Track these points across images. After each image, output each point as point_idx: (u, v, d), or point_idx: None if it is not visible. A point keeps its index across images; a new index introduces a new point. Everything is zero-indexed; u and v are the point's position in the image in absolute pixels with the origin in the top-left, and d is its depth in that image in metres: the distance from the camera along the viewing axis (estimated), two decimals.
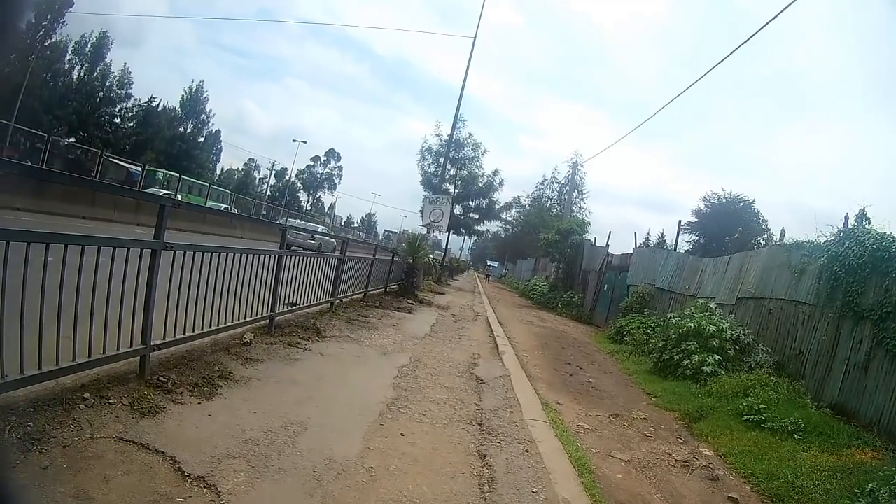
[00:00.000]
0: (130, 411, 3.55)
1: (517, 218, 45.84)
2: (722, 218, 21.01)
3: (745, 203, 21.24)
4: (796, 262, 9.34)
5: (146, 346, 4.17)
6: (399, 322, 10.33)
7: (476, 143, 33.27)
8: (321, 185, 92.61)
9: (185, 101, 61.83)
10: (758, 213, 21.17)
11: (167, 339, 4.50)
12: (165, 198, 4.45)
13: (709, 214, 21.82)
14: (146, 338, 4.16)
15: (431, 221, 23.19)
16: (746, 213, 21.02)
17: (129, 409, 3.56)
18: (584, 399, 7.30)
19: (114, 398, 3.65)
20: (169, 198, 4.60)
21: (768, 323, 9.85)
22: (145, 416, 3.54)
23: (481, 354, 8.67)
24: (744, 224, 20.47)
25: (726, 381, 8.26)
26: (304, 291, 8.02)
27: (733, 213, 20.88)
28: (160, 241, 4.17)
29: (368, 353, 7.08)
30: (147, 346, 4.17)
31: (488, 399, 5.93)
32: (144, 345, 4.15)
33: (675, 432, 6.49)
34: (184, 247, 4.55)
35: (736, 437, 6.26)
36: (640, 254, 18.85)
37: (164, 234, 4.21)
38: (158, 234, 4.18)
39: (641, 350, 12.04)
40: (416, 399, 5.33)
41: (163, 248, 4.22)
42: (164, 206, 4.20)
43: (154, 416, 3.57)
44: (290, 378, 5.11)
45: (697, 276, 13.64)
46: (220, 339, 5.67)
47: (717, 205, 21.73)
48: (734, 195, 21.55)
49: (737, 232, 19.89)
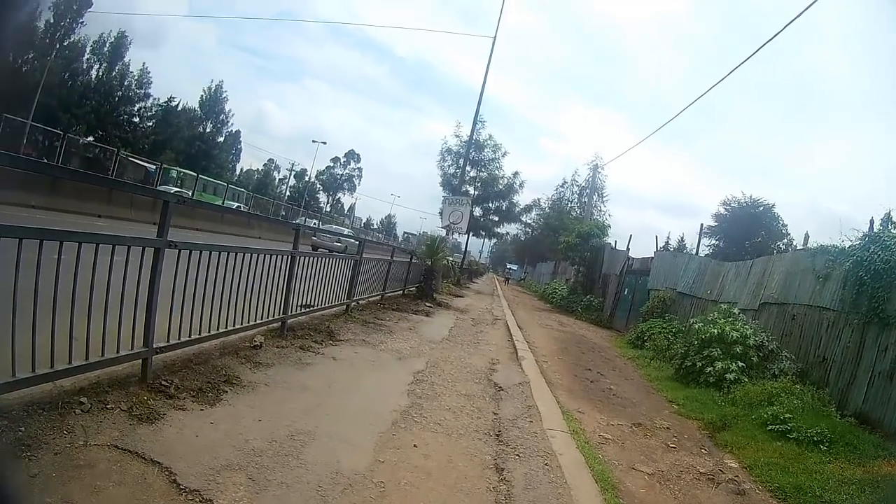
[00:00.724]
0: (128, 417, 3.37)
1: (537, 221, 45.65)
2: (742, 222, 20.60)
3: (766, 207, 20.82)
4: (820, 267, 9.07)
5: (148, 349, 3.99)
6: (416, 325, 10.11)
7: (496, 144, 33.09)
8: (341, 186, 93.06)
9: (205, 101, 62.21)
10: (778, 218, 20.84)
11: (171, 341, 4.32)
12: (169, 194, 4.26)
13: (729, 218, 21.41)
14: (148, 340, 3.99)
15: (451, 223, 23.00)
16: (766, 217, 20.62)
17: (128, 415, 3.39)
18: (606, 407, 7.03)
19: (112, 403, 3.48)
20: (173, 194, 4.40)
21: (792, 329, 9.54)
22: (143, 422, 3.36)
23: (500, 360, 8.41)
24: (764, 228, 20.12)
25: (750, 388, 8.00)
26: (319, 293, 7.83)
27: (753, 218, 20.47)
28: (163, 239, 3.99)
29: (383, 357, 6.86)
30: (149, 348, 4.00)
31: (507, 407, 5.67)
32: (146, 347, 3.98)
33: (699, 442, 6.24)
34: (189, 245, 4.37)
35: (761, 447, 6.00)
36: (661, 258, 18.52)
37: (168, 232, 4.02)
38: (161, 232, 4.00)
39: (662, 356, 11.80)
40: (431, 407, 5.09)
41: (166, 246, 4.04)
42: (168, 203, 4.02)
43: (153, 423, 3.39)
44: (300, 384, 4.89)
45: (719, 281, 13.32)
46: (229, 342, 5.49)
47: (737, 209, 21.31)
48: (754, 199, 21.12)
49: (759, 236, 19.58)
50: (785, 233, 20.44)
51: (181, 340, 4.45)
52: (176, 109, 56.17)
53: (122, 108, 49.27)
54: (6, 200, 11.30)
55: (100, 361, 3.58)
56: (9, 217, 5.59)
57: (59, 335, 3.18)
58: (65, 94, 42.37)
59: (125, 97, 49.58)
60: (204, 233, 18.19)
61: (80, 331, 3.35)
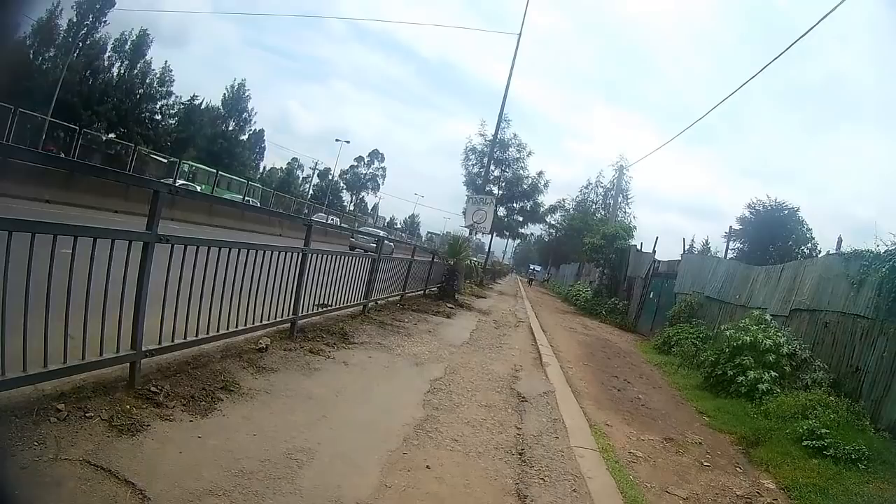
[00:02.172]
0: (108, 428, 3.02)
1: (561, 222, 45.08)
2: (766, 226, 20.12)
3: (790, 211, 20.25)
4: (854, 273, 8.66)
5: (136, 352, 3.64)
6: (436, 328, 9.65)
7: (521, 143, 32.72)
8: (364, 185, 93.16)
9: (227, 99, 62.39)
10: (802, 222, 20.22)
11: (164, 343, 3.94)
12: (158, 183, 3.87)
13: (753, 222, 20.90)
14: (136, 342, 3.64)
15: (474, 222, 22.58)
16: (791, 221, 20.04)
17: (107, 426, 3.04)
18: (635, 419, 6.56)
19: (92, 411, 3.14)
20: (165, 184, 4.01)
21: (824, 337, 9.10)
22: (123, 434, 3.01)
23: (523, 366, 7.93)
24: (789, 232, 19.65)
25: (783, 400, 7.58)
26: (333, 293, 7.44)
27: (778, 221, 19.95)
28: (153, 232, 3.61)
29: (399, 363, 6.39)
30: (137, 351, 3.64)
31: (531, 421, 5.19)
32: (134, 350, 3.62)
33: (733, 459, 5.83)
34: (183, 240, 3.99)
35: (798, 465, 5.64)
36: (688, 260, 18.11)
37: (158, 225, 3.65)
38: (151, 225, 3.62)
39: (690, 363, 11.39)
40: (448, 420, 4.63)
41: (156, 240, 3.67)
42: (158, 192, 3.64)
43: (134, 436, 3.03)
44: (305, 392, 4.46)
45: (748, 286, 12.82)
46: (233, 344, 5.13)
47: (761, 212, 20.76)
48: (779, 202, 20.56)
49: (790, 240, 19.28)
50: (809, 237, 19.82)
51: (175, 343, 4.07)
52: (199, 108, 56.49)
53: (143, 106, 49.43)
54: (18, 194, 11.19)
55: (79, 366, 3.24)
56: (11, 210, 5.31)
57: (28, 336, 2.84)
58: (86, 91, 42.63)
59: (147, 95, 49.72)
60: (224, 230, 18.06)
61: (57, 332, 3.04)
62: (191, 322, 4.18)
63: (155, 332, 3.85)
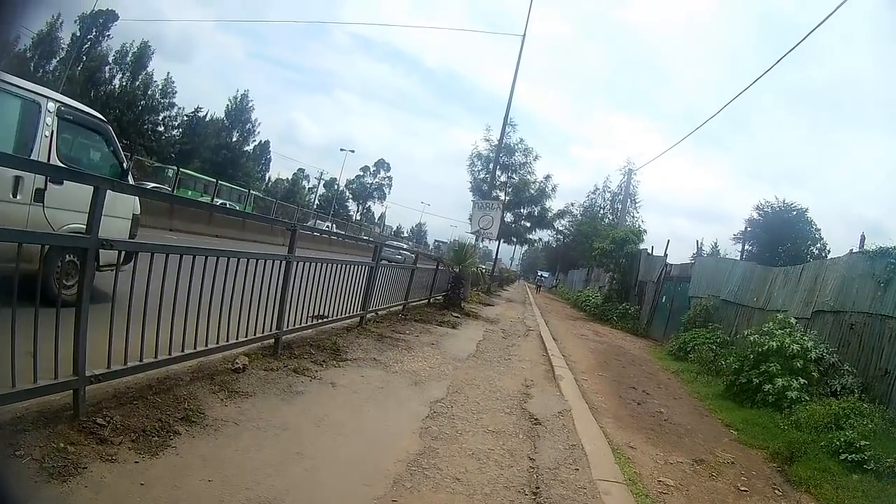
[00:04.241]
0: (37, 471, 2.48)
1: (568, 227, 44.59)
2: (775, 227, 20.04)
3: (799, 212, 20.03)
4: (881, 272, 8.40)
5: (78, 378, 3.07)
6: (439, 339, 8.98)
7: (527, 148, 32.04)
8: (371, 195, 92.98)
9: (230, 110, 62.37)
10: (811, 222, 20.11)
11: (114, 367, 3.36)
12: (93, 177, 3.28)
13: (762, 224, 20.72)
14: (79, 367, 3.07)
15: (480, 228, 21.98)
16: (800, 221, 19.94)
17: (38, 467, 2.50)
18: (660, 438, 5.94)
19: (25, 448, 2.60)
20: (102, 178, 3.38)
21: (850, 339, 8.76)
22: (53, 479, 2.46)
23: (535, 380, 7.27)
24: (797, 233, 19.52)
25: (814, 408, 7.18)
26: (326, 303, 6.81)
27: (786, 222, 19.86)
28: (93, 236, 3.04)
29: (395, 382, 5.69)
30: (80, 377, 3.07)
31: (546, 449, 4.52)
32: (76, 376, 3.06)
33: (770, 480, 5.31)
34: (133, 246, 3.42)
35: (839, 483, 5.24)
36: (702, 263, 17.84)
37: (99, 230, 3.07)
38: (90, 228, 3.05)
39: (709, 369, 11.03)
40: (449, 453, 3.95)
41: (98, 247, 3.09)
42: (98, 189, 3.06)
43: (65, 482, 2.47)
44: (281, 421, 3.80)
45: (766, 287, 12.43)
46: (208, 364, 4.55)
47: (770, 213, 20.49)
48: (787, 203, 20.35)
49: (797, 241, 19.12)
50: (818, 237, 19.68)
51: (128, 366, 3.48)
52: (203, 119, 56.56)
53: (146, 118, 49.54)
54: None
55: (11, 394, 2.72)
56: None
57: None
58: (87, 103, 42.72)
59: (149, 106, 49.94)
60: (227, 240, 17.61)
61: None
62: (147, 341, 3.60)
63: (117, 352, 3.34)
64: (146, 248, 3.53)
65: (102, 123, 6.43)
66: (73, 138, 5.97)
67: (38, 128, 5.28)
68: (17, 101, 5.15)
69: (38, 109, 5.31)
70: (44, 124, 5.33)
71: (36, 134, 5.26)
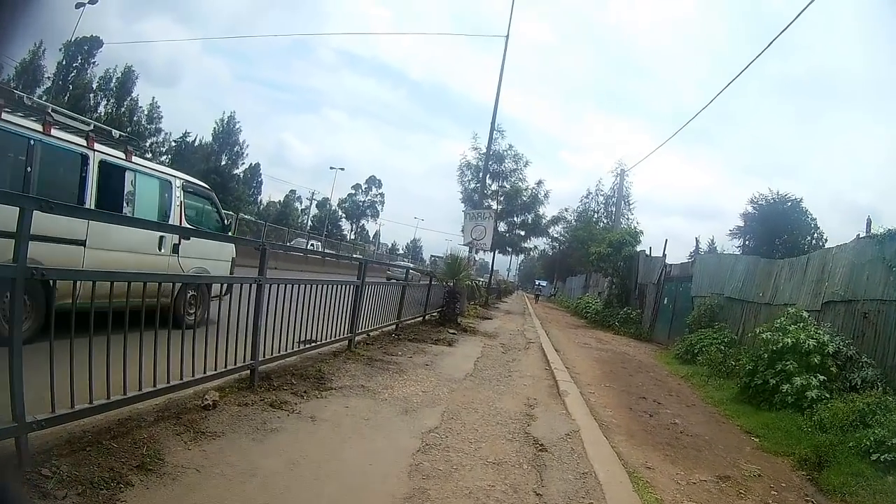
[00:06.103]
0: None
1: (563, 234, 44.39)
2: (770, 219, 20.34)
3: (793, 202, 20.11)
4: (891, 256, 8.14)
5: (17, 425, 2.70)
6: (434, 359, 8.47)
7: (517, 154, 31.65)
8: (363, 213, 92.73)
9: (218, 133, 62.16)
10: (806, 212, 20.54)
11: (59, 411, 2.98)
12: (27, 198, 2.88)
13: (757, 217, 20.71)
14: (16, 413, 2.70)
15: (473, 240, 21.63)
16: (795, 212, 20.13)
17: None
18: (678, 453, 5.52)
19: None
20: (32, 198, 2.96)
21: (864, 329, 8.45)
22: None
23: (538, 398, 6.78)
24: (793, 224, 19.84)
25: (837, 406, 6.87)
26: (308, 328, 6.31)
27: (781, 214, 20.07)
28: (18, 265, 2.63)
29: (383, 412, 5.12)
30: (19, 423, 2.70)
31: (554, 481, 3.97)
32: (15, 423, 2.69)
33: (802, 491, 5.02)
34: (69, 275, 3.00)
35: (875, 488, 4.93)
36: (703, 261, 17.69)
37: (26, 258, 2.65)
38: (16, 255, 2.65)
39: (719, 371, 10.76)
40: (441, 494, 3.40)
41: (25, 276, 2.68)
42: (25, 210, 2.66)
43: None
44: (249, 466, 3.31)
45: (772, 281, 12.14)
46: (176, 401, 4.12)
47: (764, 206, 20.47)
48: (781, 195, 20.46)
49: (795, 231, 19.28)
50: (814, 227, 20.27)
51: (75, 409, 3.08)
52: (192, 144, 56.17)
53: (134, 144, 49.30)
54: None
55: None
56: None
57: None
58: None
59: (135, 132, 49.60)
60: None
61: None
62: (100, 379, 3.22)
63: (62, 394, 2.98)
64: (83, 275, 3.13)
65: (209, 191, 8.64)
66: (191, 204, 7.88)
67: (172, 200, 7.29)
68: (156, 181, 7.13)
69: (170, 186, 7.32)
70: (175, 197, 7.35)
71: (171, 205, 7.27)
